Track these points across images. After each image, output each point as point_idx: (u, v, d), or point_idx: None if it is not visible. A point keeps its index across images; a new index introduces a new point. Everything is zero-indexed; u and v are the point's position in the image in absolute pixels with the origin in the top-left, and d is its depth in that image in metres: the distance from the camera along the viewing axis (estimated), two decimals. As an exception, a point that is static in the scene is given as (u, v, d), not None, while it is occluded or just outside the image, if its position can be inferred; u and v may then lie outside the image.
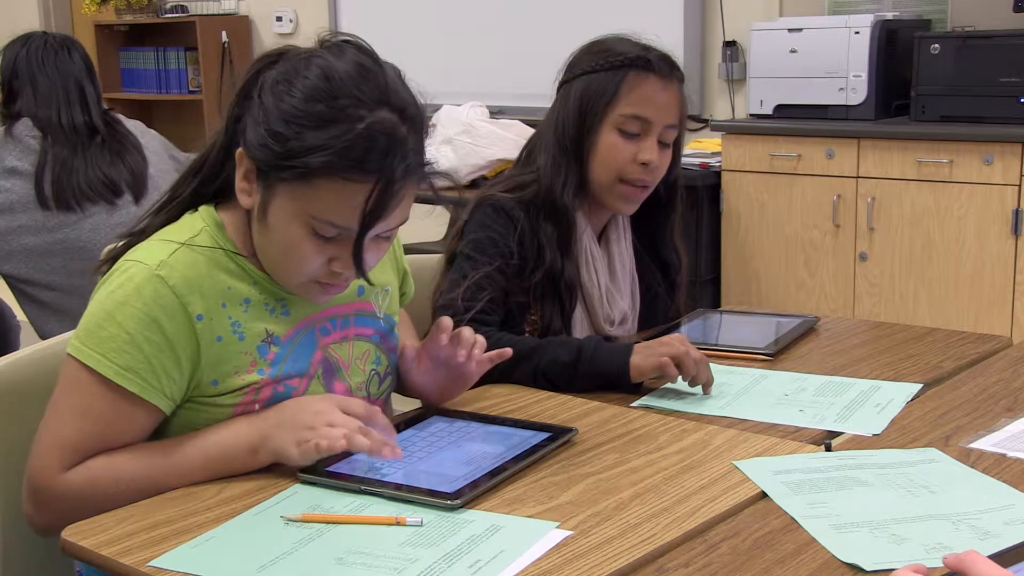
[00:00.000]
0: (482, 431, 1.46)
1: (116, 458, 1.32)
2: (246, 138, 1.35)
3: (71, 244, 2.65)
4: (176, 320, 1.33)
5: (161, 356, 1.32)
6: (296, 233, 1.33)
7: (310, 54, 1.35)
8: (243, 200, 1.37)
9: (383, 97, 1.32)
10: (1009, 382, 1.68)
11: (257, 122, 1.33)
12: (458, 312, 1.74)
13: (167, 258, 1.35)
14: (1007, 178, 3.46)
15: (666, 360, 1.62)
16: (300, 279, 1.38)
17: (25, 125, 2.69)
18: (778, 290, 3.98)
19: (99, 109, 2.80)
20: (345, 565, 1.10)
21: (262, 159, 1.32)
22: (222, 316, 1.36)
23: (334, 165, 1.28)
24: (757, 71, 4.04)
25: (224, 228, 1.41)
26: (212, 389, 1.37)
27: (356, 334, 1.50)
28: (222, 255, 1.39)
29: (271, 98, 1.33)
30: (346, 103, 1.30)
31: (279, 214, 1.33)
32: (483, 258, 1.81)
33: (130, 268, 1.35)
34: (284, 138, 1.30)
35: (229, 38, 5.88)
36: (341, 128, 1.28)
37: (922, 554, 1.11)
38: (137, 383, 1.31)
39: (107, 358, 1.31)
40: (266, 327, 1.40)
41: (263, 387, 1.38)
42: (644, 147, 1.85)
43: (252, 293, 1.40)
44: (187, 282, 1.34)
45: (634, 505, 1.24)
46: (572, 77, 1.89)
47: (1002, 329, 3.51)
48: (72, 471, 1.31)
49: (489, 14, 5.00)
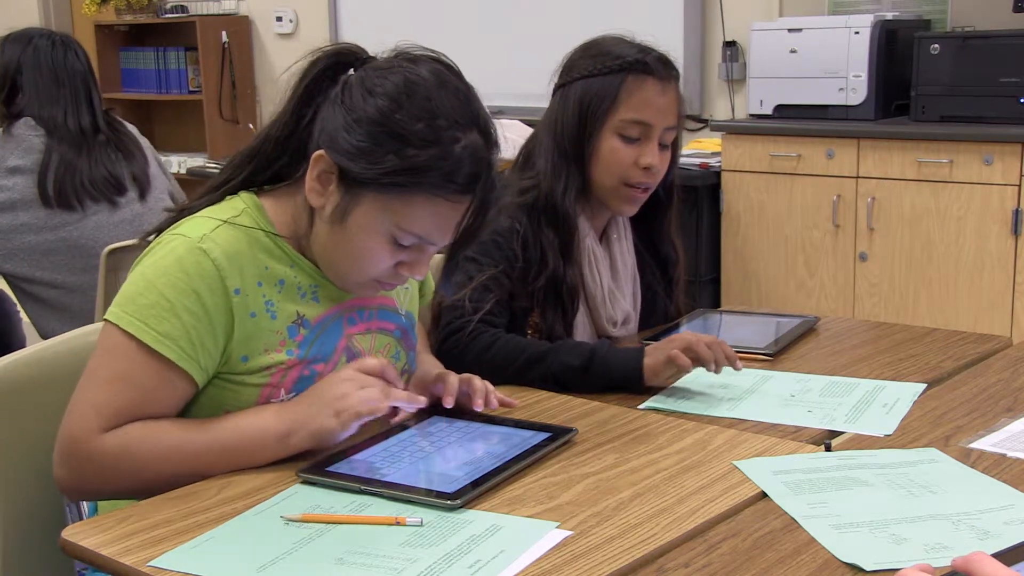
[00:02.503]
0: (482, 431, 1.46)
1: (153, 426, 1.33)
2: (329, 142, 1.36)
3: (73, 242, 2.66)
4: (215, 292, 1.35)
5: (199, 326, 1.34)
6: (376, 240, 1.37)
7: (395, 64, 1.38)
8: (314, 199, 1.39)
9: (473, 118, 1.37)
10: (1009, 382, 1.68)
11: (346, 128, 1.34)
12: (466, 313, 1.74)
13: (210, 232, 1.38)
14: (1007, 178, 3.46)
15: (675, 352, 1.62)
16: (362, 279, 1.42)
17: (26, 124, 2.69)
18: (778, 290, 3.98)
19: (102, 109, 2.81)
20: (345, 565, 1.10)
21: (353, 168, 1.34)
22: (257, 293, 1.39)
23: (435, 185, 1.33)
24: (757, 71, 4.04)
25: (264, 211, 1.44)
26: (242, 366, 1.38)
27: (379, 327, 1.53)
28: (262, 235, 1.42)
29: (362, 105, 1.34)
30: (443, 123, 1.33)
31: (362, 221, 1.36)
32: (488, 260, 1.81)
33: (173, 240, 1.38)
34: (380, 152, 1.32)
35: (229, 38, 5.88)
36: (441, 149, 1.32)
37: (922, 554, 1.11)
38: (175, 351, 1.33)
39: (147, 324, 1.32)
40: (297, 309, 1.43)
41: (290, 368, 1.40)
42: (645, 151, 1.85)
43: (288, 275, 1.43)
44: (227, 257, 1.37)
45: (634, 505, 1.24)
46: (570, 80, 1.88)
47: (1002, 329, 3.51)
48: (109, 434, 1.32)
49: (489, 14, 5.00)
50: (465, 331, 1.72)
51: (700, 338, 1.64)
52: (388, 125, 1.33)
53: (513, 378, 1.69)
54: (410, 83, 1.35)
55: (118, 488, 1.35)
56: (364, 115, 1.34)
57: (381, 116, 1.33)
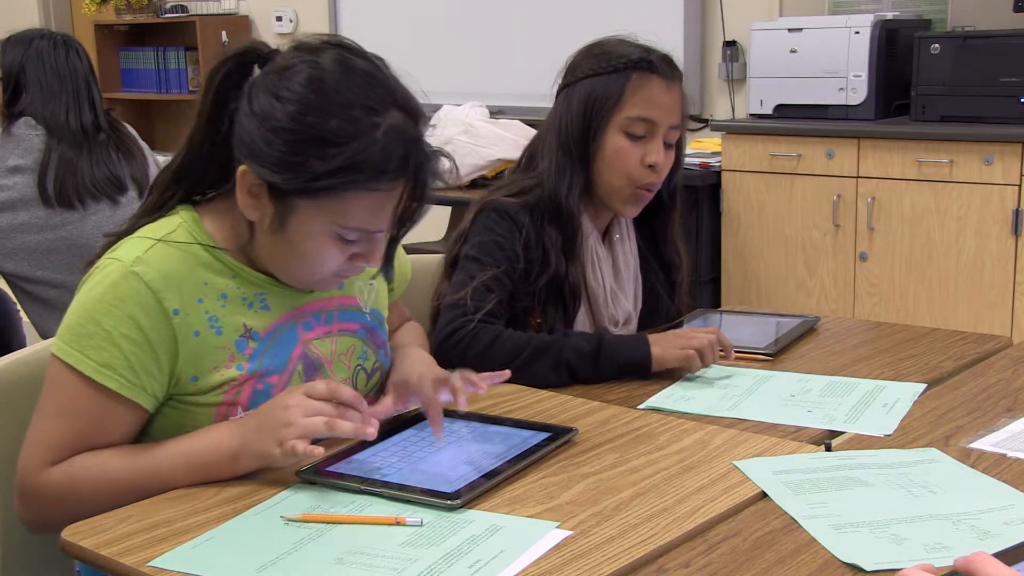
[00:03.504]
0: (482, 431, 1.45)
1: (99, 457, 1.32)
2: (250, 156, 1.32)
3: (74, 241, 2.66)
4: (152, 316, 1.33)
5: (139, 352, 1.32)
6: (320, 242, 1.34)
7: (297, 60, 1.33)
8: (249, 214, 1.36)
9: (389, 98, 1.32)
10: (1009, 382, 1.68)
11: (263, 139, 1.30)
12: (468, 312, 1.74)
13: (143, 254, 1.35)
14: (1007, 178, 3.46)
15: (692, 354, 1.69)
16: (318, 278, 1.40)
17: (26, 123, 2.69)
18: (778, 290, 3.98)
19: (103, 108, 2.81)
20: (345, 565, 1.10)
21: (279, 181, 1.30)
22: (199, 311, 1.36)
23: (363, 180, 1.29)
24: (757, 71, 4.04)
25: (202, 223, 1.41)
26: (192, 386, 1.37)
27: (340, 329, 1.50)
28: (200, 250, 1.39)
29: (272, 112, 1.30)
30: (359, 114, 1.29)
31: (302, 227, 1.33)
32: (489, 260, 1.81)
33: (108, 266, 1.36)
34: (302, 160, 1.28)
35: (229, 38, 5.88)
36: (363, 142, 1.28)
37: (922, 554, 1.11)
38: (116, 380, 1.31)
39: (86, 355, 1.31)
40: (244, 321, 1.40)
41: (243, 383, 1.38)
42: (650, 149, 1.85)
43: (230, 287, 1.40)
44: (163, 277, 1.34)
45: (634, 505, 1.24)
46: (574, 80, 1.89)
47: (1002, 329, 3.51)
48: (55, 468, 1.31)
49: (489, 14, 5.00)
50: (467, 328, 1.72)
51: (711, 341, 1.70)
52: (303, 130, 1.28)
53: (518, 371, 1.68)
54: (315, 80, 1.30)
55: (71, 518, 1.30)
56: (277, 124, 1.29)
57: (293, 122, 1.28)
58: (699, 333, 1.73)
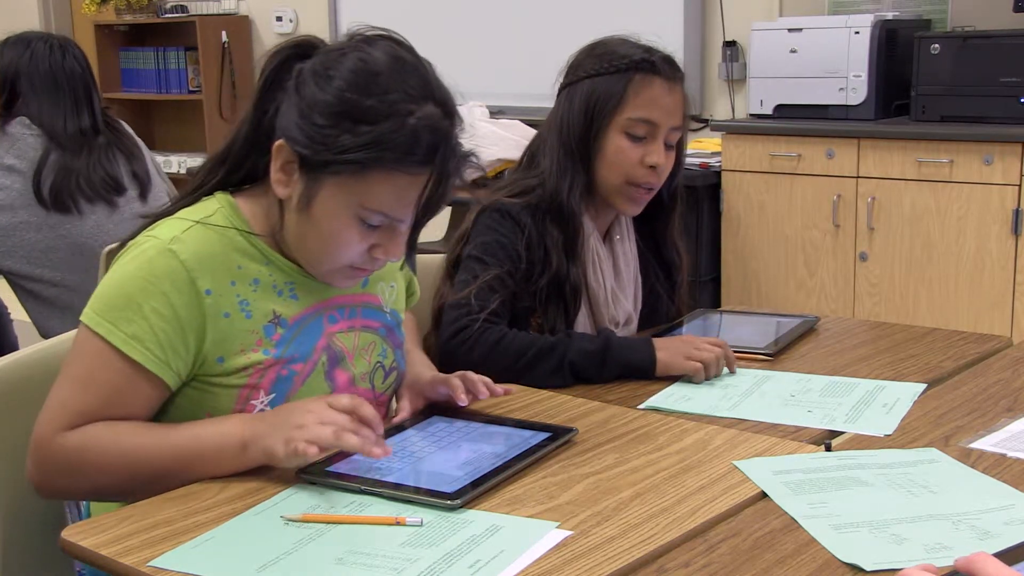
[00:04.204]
0: (482, 431, 1.46)
1: (113, 427, 1.33)
2: (287, 131, 1.36)
3: (74, 240, 2.66)
4: (184, 295, 1.35)
5: (168, 329, 1.34)
6: (343, 223, 1.36)
7: (348, 47, 1.38)
8: (279, 191, 1.39)
9: (427, 91, 1.36)
10: (1009, 382, 1.68)
11: (301, 115, 1.34)
12: (472, 312, 1.74)
13: (180, 234, 1.38)
14: (1007, 178, 3.46)
15: (698, 366, 1.68)
16: (337, 265, 1.41)
17: (21, 123, 2.69)
18: (778, 290, 3.98)
19: (100, 109, 2.81)
20: (345, 565, 1.10)
21: (310, 153, 1.34)
22: (231, 293, 1.39)
23: (390, 159, 1.32)
24: (757, 71, 4.04)
25: (238, 209, 1.44)
26: (218, 367, 1.38)
27: (363, 325, 1.52)
28: (235, 234, 1.42)
29: (315, 91, 1.34)
30: (395, 98, 1.33)
31: (326, 205, 1.36)
32: (492, 260, 1.81)
33: (145, 243, 1.38)
34: (335, 133, 1.32)
35: (229, 38, 5.88)
36: (394, 123, 1.32)
37: (922, 554, 1.11)
38: (142, 353, 1.33)
39: (116, 327, 1.33)
40: (274, 308, 1.42)
41: (267, 368, 1.39)
42: (651, 150, 1.85)
43: (263, 273, 1.42)
44: (198, 258, 1.36)
45: (634, 505, 1.24)
46: (575, 80, 1.89)
47: (1002, 329, 3.51)
48: (71, 432, 1.32)
49: (489, 14, 5.00)
50: (472, 328, 1.72)
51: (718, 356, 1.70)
52: (340, 106, 1.32)
53: (523, 371, 1.69)
54: (361, 62, 1.35)
55: (76, 488, 1.34)
56: (317, 100, 1.34)
57: (333, 98, 1.33)
58: (707, 345, 1.72)
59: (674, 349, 1.72)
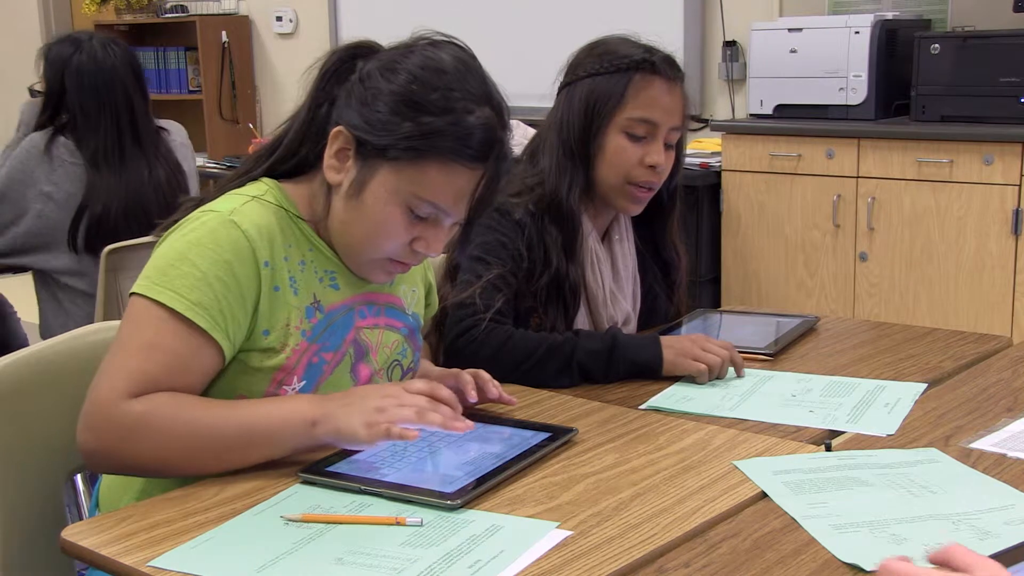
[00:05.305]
0: (482, 431, 1.45)
1: (178, 398, 1.33)
2: (346, 119, 1.40)
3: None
4: (246, 264, 1.37)
5: (230, 297, 1.35)
6: (392, 211, 1.39)
7: (415, 47, 1.43)
8: (331, 176, 1.42)
9: (487, 96, 1.42)
10: (1009, 382, 1.68)
11: (363, 103, 1.39)
12: (478, 311, 1.74)
13: (240, 207, 1.40)
14: (1007, 178, 3.47)
15: (704, 368, 1.68)
16: (378, 256, 1.43)
17: (66, 147, 2.67)
18: (778, 290, 3.98)
19: (148, 124, 2.78)
20: (345, 565, 1.10)
21: (371, 139, 1.37)
22: (283, 268, 1.41)
23: (447, 149, 1.36)
24: (757, 71, 4.04)
25: (287, 193, 1.46)
26: (262, 341, 1.39)
27: (387, 324, 1.54)
28: (285, 215, 1.44)
29: (380, 82, 1.38)
30: (458, 96, 1.38)
31: (377, 192, 1.39)
32: (495, 259, 1.81)
33: (204, 215, 1.40)
34: (397, 120, 1.36)
35: (229, 38, 5.88)
36: (455, 117, 1.37)
37: (922, 554, 1.11)
38: (207, 319, 1.33)
39: (179, 294, 1.33)
40: (315, 292, 1.44)
41: (302, 353, 1.41)
42: (651, 150, 1.85)
43: (308, 257, 1.45)
44: (257, 229, 1.39)
45: (634, 505, 1.24)
46: (576, 79, 1.89)
47: (1002, 329, 3.51)
48: (136, 399, 1.30)
49: (489, 15, 5.00)
50: (479, 327, 1.72)
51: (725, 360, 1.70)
52: (405, 95, 1.37)
53: (530, 371, 1.69)
54: (428, 59, 1.40)
55: (138, 457, 1.31)
56: (382, 90, 1.38)
57: (399, 88, 1.37)
58: (714, 347, 1.71)
59: (682, 349, 1.71)
